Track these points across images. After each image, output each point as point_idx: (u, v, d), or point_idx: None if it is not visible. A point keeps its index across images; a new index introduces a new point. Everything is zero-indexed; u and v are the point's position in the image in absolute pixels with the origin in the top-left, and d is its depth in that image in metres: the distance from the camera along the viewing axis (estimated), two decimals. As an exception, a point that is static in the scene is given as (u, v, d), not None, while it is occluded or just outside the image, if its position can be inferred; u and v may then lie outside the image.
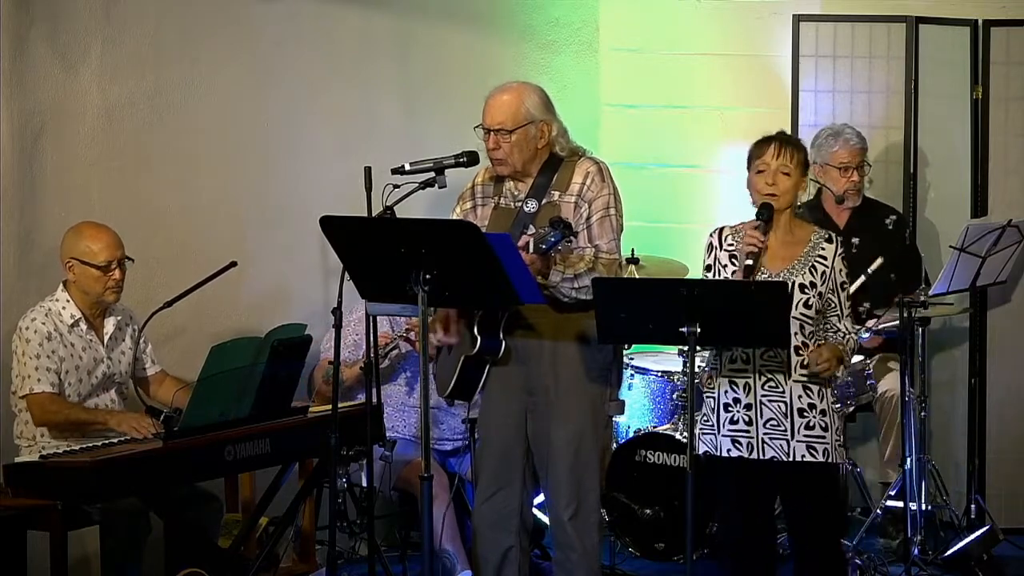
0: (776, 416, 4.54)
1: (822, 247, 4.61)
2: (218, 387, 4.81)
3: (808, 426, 4.54)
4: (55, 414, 4.93)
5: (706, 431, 4.65)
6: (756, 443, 4.56)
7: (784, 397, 4.55)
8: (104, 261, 5.02)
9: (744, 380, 4.58)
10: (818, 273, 4.57)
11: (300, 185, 6.14)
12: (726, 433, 4.60)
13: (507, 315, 4.80)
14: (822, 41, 6.68)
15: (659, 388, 6.42)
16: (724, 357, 4.62)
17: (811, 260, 4.59)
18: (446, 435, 5.95)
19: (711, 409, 4.64)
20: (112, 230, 5.08)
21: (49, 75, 5.36)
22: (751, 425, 4.56)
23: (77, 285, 5.05)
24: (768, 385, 4.56)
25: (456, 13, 6.73)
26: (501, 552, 4.94)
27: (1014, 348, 6.58)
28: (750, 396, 4.57)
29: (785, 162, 4.57)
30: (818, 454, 4.54)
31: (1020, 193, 6.57)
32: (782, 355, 4.54)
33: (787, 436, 4.54)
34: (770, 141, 4.61)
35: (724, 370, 4.62)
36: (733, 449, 4.59)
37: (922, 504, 5.90)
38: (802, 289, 4.55)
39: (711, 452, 4.64)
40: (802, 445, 4.53)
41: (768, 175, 4.57)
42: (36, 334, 4.95)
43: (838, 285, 4.59)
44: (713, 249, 4.69)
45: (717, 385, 4.64)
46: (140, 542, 4.88)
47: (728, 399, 4.60)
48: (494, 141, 4.79)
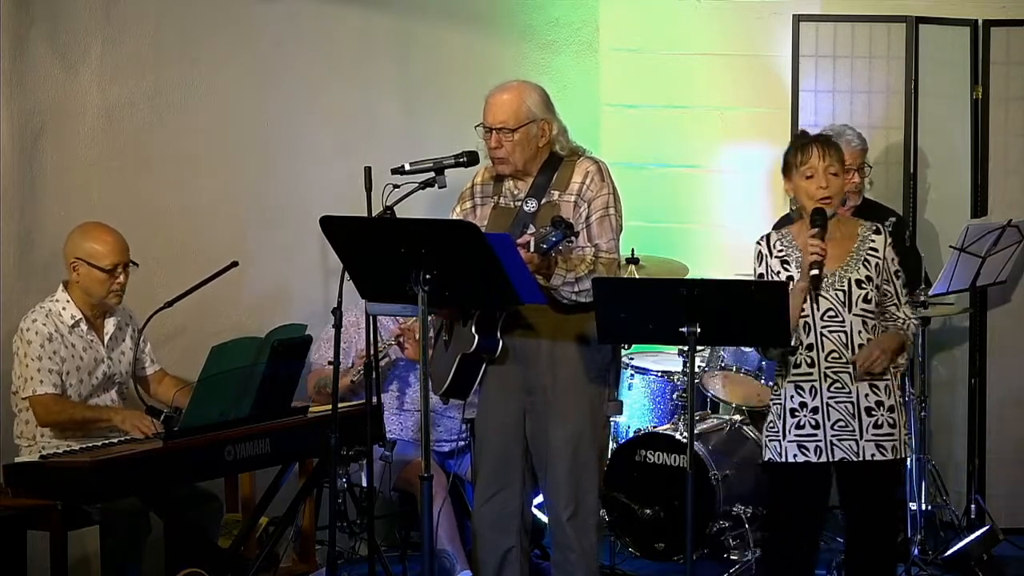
0: (844, 417, 4.53)
1: (872, 240, 4.59)
2: (218, 387, 4.81)
3: (876, 424, 4.53)
4: (58, 414, 4.93)
5: (772, 437, 4.63)
6: (824, 446, 4.54)
7: (851, 397, 4.53)
8: (110, 264, 5.01)
9: (810, 384, 4.56)
10: (872, 266, 4.56)
11: (300, 185, 6.14)
12: (792, 439, 4.57)
13: (505, 314, 4.80)
14: (822, 41, 6.68)
15: (659, 388, 6.43)
16: (790, 363, 4.59)
17: (863, 254, 4.58)
18: (444, 436, 5.95)
19: (777, 415, 4.62)
20: (119, 233, 5.08)
21: (49, 75, 5.36)
22: (818, 428, 4.55)
23: (80, 286, 5.05)
24: (834, 387, 4.54)
25: (456, 13, 6.73)
26: (501, 553, 4.94)
27: (1014, 348, 6.58)
28: (816, 399, 4.56)
29: (831, 162, 4.55)
30: (887, 451, 4.53)
31: (1020, 193, 6.57)
32: (847, 356, 4.53)
33: (855, 436, 4.53)
34: (809, 144, 4.58)
35: (790, 375, 4.60)
36: (799, 454, 4.56)
37: (922, 504, 5.91)
38: (859, 285, 4.54)
39: (775, 459, 4.62)
40: (871, 444, 4.52)
41: (819, 179, 4.53)
42: (37, 335, 4.95)
43: (892, 274, 4.58)
44: (764, 257, 4.67)
45: (783, 391, 4.62)
46: (140, 542, 4.88)
47: (795, 404, 4.58)
48: (496, 140, 4.78)
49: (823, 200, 4.55)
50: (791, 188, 4.64)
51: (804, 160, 4.56)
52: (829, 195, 4.54)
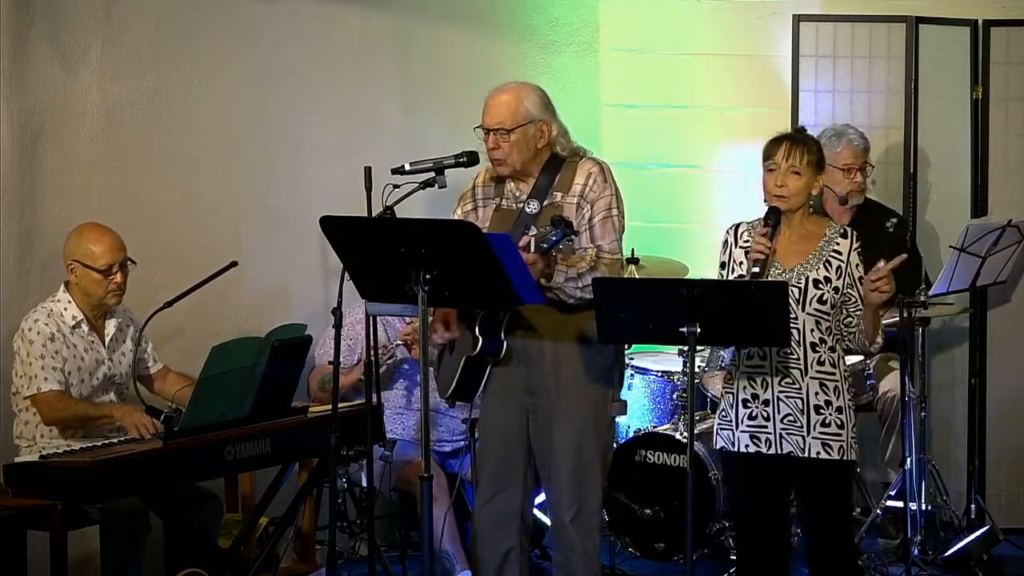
0: (793, 412, 4.54)
1: (837, 242, 4.59)
2: (218, 387, 4.81)
3: (824, 423, 4.53)
4: (63, 411, 4.94)
5: (724, 427, 4.65)
6: (774, 438, 4.55)
7: (801, 393, 4.54)
8: (105, 265, 5.01)
9: (762, 376, 4.58)
10: (833, 268, 4.56)
11: (300, 185, 6.14)
12: (744, 428, 4.59)
13: (508, 315, 4.80)
14: (822, 41, 6.68)
15: (659, 388, 6.43)
16: (742, 355, 4.61)
17: (825, 255, 4.57)
18: (445, 436, 5.95)
19: (730, 405, 4.64)
20: (114, 232, 5.08)
21: (49, 75, 5.36)
22: (768, 421, 4.56)
23: (79, 287, 5.05)
24: (785, 381, 4.55)
25: (456, 13, 6.73)
26: (502, 553, 4.94)
27: (1014, 348, 6.58)
28: (768, 392, 4.57)
29: (795, 163, 4.55)
30: (833, 451, 4.53)
31: (1020, 193, 6.57)
32: (799, 352, 4.53)
33: (803, 432, 4.54)
34: (781, 141, 4.60)
35: (742, 367, 4.61)
36: (751, 444, 4.58)
37: (922, 504, 5.90)
38: (816, 284, 4.54)
39: (727, 448, 4.64)
40: (817, 442, 4.53)
41: (778, 175, 4.57)
42: (39, 335, 4.95)
43: (855, 279, 4.57)
44: (728, 246, 4.69)
45: (736, 381, 4.63)
46: (140, 542, 4.88)
47: (747, 395, 4.60)
48: (493, 141, 4.78)
49: (778, 198, 4.56)
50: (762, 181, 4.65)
51: (771, 154, 4.60)
52: (784, 194, 4.55)
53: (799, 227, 4.62)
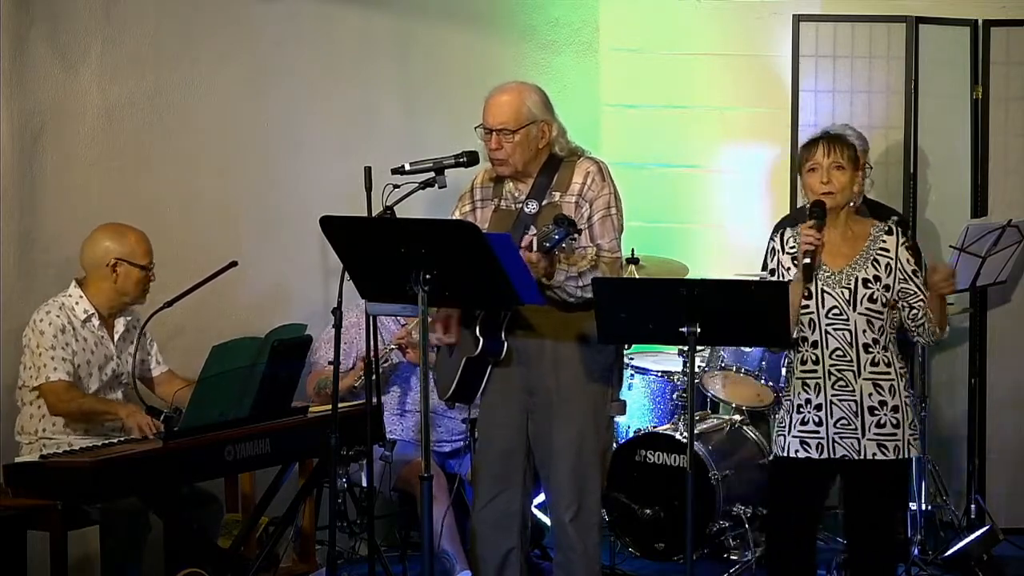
0: (846, 415, 4.53)
1: (883, 240, 4.58)
2: (218, 387, 4.81)
3: (879, 424, 4.52)
4: (69, 402, 4.94)
5: (779, 432, 4.65)
6: (827, 442, 4.54)
7: (854, 396, 4.53)
8: (148, 262, 5.13)
9: (815, 380, 4.57)
10: (881, 266, 4.55)
11: (300, 185, 6.14)
12: (795, 434, 4.58)
13: (508, 316, 4.80)
14: (822, 41, 6.68)
15: (659, 388, 6.43)
16: (796, 360, 4.60)
17: (872, 253, 4.56)
18: (444, 437, 5.95)
19: (787, 411, 4.64)
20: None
21: (49, 75, 5.36)
22: (821, 425, 4.55)
23: (116, 286, 5.08)
24: (838, 384, 4.54)
25: (456, 13, 6.73)
26: (502, 554, 4.94)
27: (1014, 348, 6.58)
28: (820, 396, 4.56)
29: (836, 158, 4.54)
30: (888, 451, 4.52)
31: (1020, 193, 6.57)
32: (852, 354, 4.53)
33: (857, 434, 4.53)
34: (818, 141, 4.59)
35: (797, 372, 4.60)
36: (801, 450, 4.57)
37: (922, 504, 5.91)
38: (865, 284, 4.53)
39: (779, 454, 4.64)
40: (873, 443, 4.52)
41: (821, 173, 4.54)
42: (51, 326, 4.97)
43: (909, 273, 4.56)
44: (776, 253, 4.68)
45: (791, 387, 4.62)
46: (140, 542, 4.88)
47: (800, 400, 4.59)
48: (496, 141, 4.78)
49: (824, 194, 4.55)
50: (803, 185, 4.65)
51: (809, 156, 4.58)
52: (831, 190, 4.54)
53: (844, 228, 4.61)
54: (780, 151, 6.92)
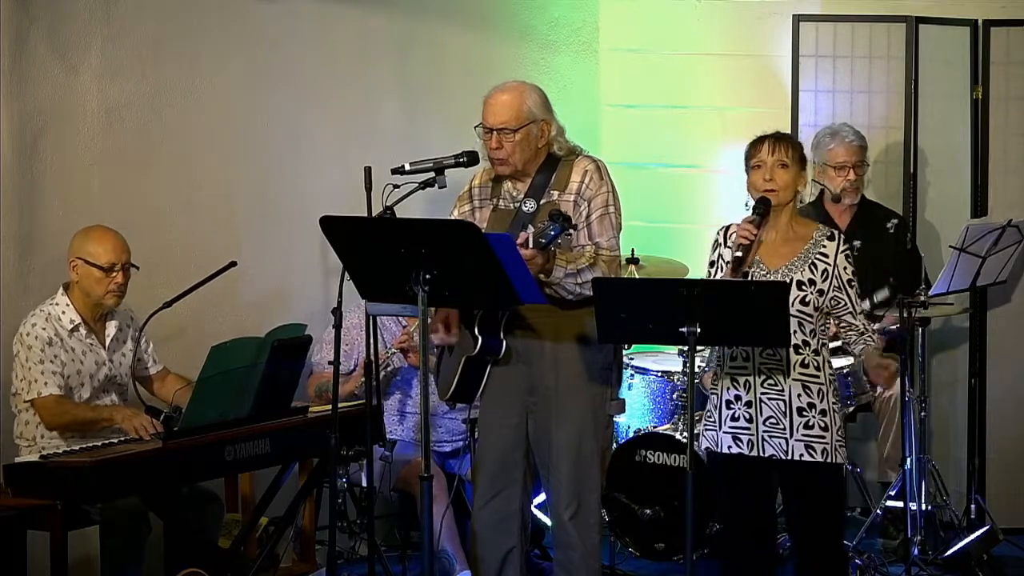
0: (775, 414, 4.54)
1: (823, 244, 4.59)
2: (218, 387, 4.81)
3: (807, 425, 4.53)
4: (62, 415, 4.94)
5: (709, 427, 4.66)
6: (756, 440, 4.56)
7: (783, 396, 4.54)
8: (107, 263, 5.02)
9: (745, 378, 4.58)
10: (818, 270, 4.56)
11: (300, 185, 6.14)
12: (727, 430, 4.60)
13: (507, 315, 4.80)
14: (822, 41, 6.68)
15: (659, 388, 6.42)
16: (726, 355, 4.61)
17: (811, 257, 4.57)
18: (444, 437, 5.95)
19: (714, 406, 4.65)
20: (120, 235, 5.09)
21: (49, 75, 5.36)
22: (751, 422, 4.56)
23: (80, 286, 5.05)
24: (768, 383, 4.56)
25: (456, 13, 6.73)
26: (502, 554, 4.94)
27: (1014, 348, 6.58)
28: (750, 394, 4.57)
29: (781, 156, 4.56)
30: (816, 453, 4.53)
31: (1020, 193, 6.57)
32: (781, 353, 4.53)
33: (786, 435, 4.54)
34: (763, 139, 4.61)
35: (726, 368, 4.61)
36: (734, 446, 4.59)
37: (922, 504, 5.90)
38: (800, 286, 4.54)
39: (712, 449, 4.64)
40: (800, 444, 4.53)
41: (765, 170, 4.57)
42: (37, 339, 4.96)
43: (844, 282, 4.56)
44: (718, 246, 4.70)
45: (720, 382, 4.63)
46: (140, 542, 4.88)
47: (730, 396, 4.60)
48: (497, 141, 4.78)
49: (767, 191, 4.56)
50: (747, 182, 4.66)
51: (754, 153, 4.60)
52: (773, 187, 4.55)
53: (786, 228, 4.62)
54: (780, 151, 6.90)
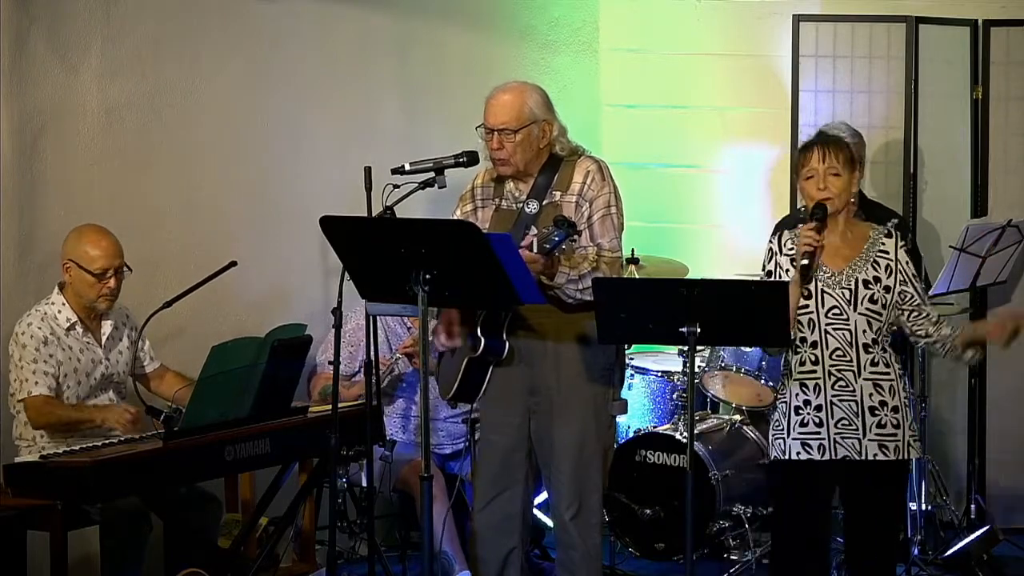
0: (847, 415, 4.53)
1: (882, 242, 4.58)
2: (218, 387, 4.81)
3: (880, 424, 4.52)
4: (48, 415, 4.94)
5: (777, 435, 4.63)
6: (828, 443, 4.53)
7: (855, 396, 4.53)
8: (99, 269, 5.01)
9: (814, 381, 4.56)
10: (882, 267, 4.55)
11: (300, 185, 6.14)
12: (796, 436, 4.57)
13: (509, 316, 4.80)
14: (822, 41, 6.68)
15: (659, 388, 6.43)
16: (794, 360, 4.60)
17: (872, 255, 4.56)
18: (445, 440, 5.94)
19: (783, 413, 4.62)
20: (114, 237, 5.07)
21: (49, 75, 5.36)
22: (822, 426, 4.55)
23: (72, 287, 5.05)
24: (838, 384, 4.54)
25: (456, 13, 6.73)
26: (503, 554, 4.94)
27: (1014, 348, 6.51)
28: (820, 397, 4.55)
29: (832, 163, 4.53)
30: (890, 452, 4.52)
31: (1020, 193, 6.57)
32: (851, 354, 4.53)
33: (859, 435, 4.52)
34: (812, 146, 4.58)
35: (795, 373, 4.60)
36: (803, 452, 4.56)
37: (922, 504, 5.90)
38: (866, 285, 4.52)
39: (779, 456, 4.61)
40: (874, 444, 4.51)
41: (818, 180, 4.53)
42: (32, 339, 4.96)
43: (909, 276, 4.56)
44: (774, 255, 4.66)
45: (788, 388, 4.62)
46: (140, 542, 4.88)
47: (799, 401, 4.58)
48: (498, 141, 4.78)
49: (824, 200, 4.54)
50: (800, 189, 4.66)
51: (805, 161, 4.58)
52: (828, 195, 4.54)
53: (844, 230, 4.60)
54: (780, 151, 6.92)
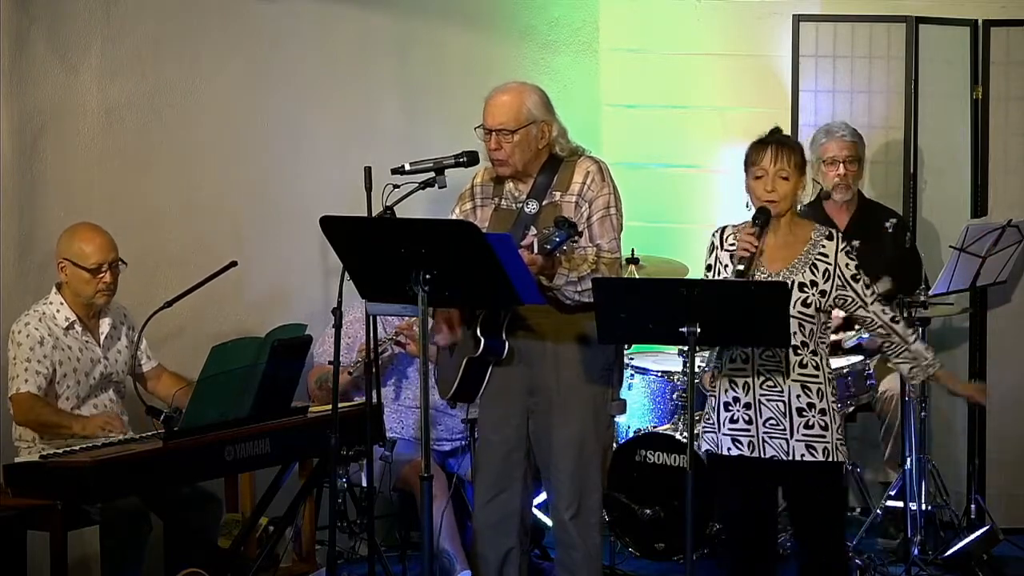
0: (775, 415, 4.54)
1: (822, 244, 4.58)
2: (218, 387, 4.81)
3: (807, 425, 4.53)
4: (29, 412, 4.93)
5: (708, 430, 4.65)
6: (757, 442, 4.55)
7: (783, 396, 4.54)
8: (94, 264, 5.01)
9: (743, 379, 4.58)
10: (819, 271, 4.55)
11: (300, 185, 6.14)
12: (726, 432, 4.59)
13: (509, 316, 4.80)
14: (822, 41, 6.68)
15: (659, 388, 6.42)
16: (724, 357, 4.61)
17: (811, 258, 4.57)
18: (444, 436, 5.95)
19: (712, 408, 4.64)
20: (106, 232, 5.07)
21: (49, 75, 5.36)
22: (751, 424, 4.56)
23: (69, 286, 5.05)
24: (767, 384, 4.55)
25: (456, 13, 6.73)
26: (503, 553, 4.94)
27: (1014, 348, 6.58)
28: (749, 395, 4.57)
29: (783, 166, 4.53)
30: (818, 453, 4.52)
31: (1020, 193, 6.57)
32: (780, 355, 4.53)
33: (786, 435, 4.53)
34: (766, 145, 4.56)
35: (724, 369, 4.61)
36: (734, 448, 4.58)
37: (922, 504, 5.90)
38: (801, 288, 4.53)
39: (712, 451, 4.64)
40: (801, 444, 4.52)
41: (767, 181, 4.54)
42: (28, 338, 4.96)
43: (848, 279, 4.55)
44: (715, 249, 4.69)
45: (718, 384, 4.63)
46: (140, 542, 4.88)
47: (728, 398, 4.60)
48: (496, 142, 4.78)
49: (768, 202, 4.54)
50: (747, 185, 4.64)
51: (756, 160, 4.56)
52: (775, 198, 4.53)
53: (785, 231, 4.60)
54: (780, 151, 6.90)
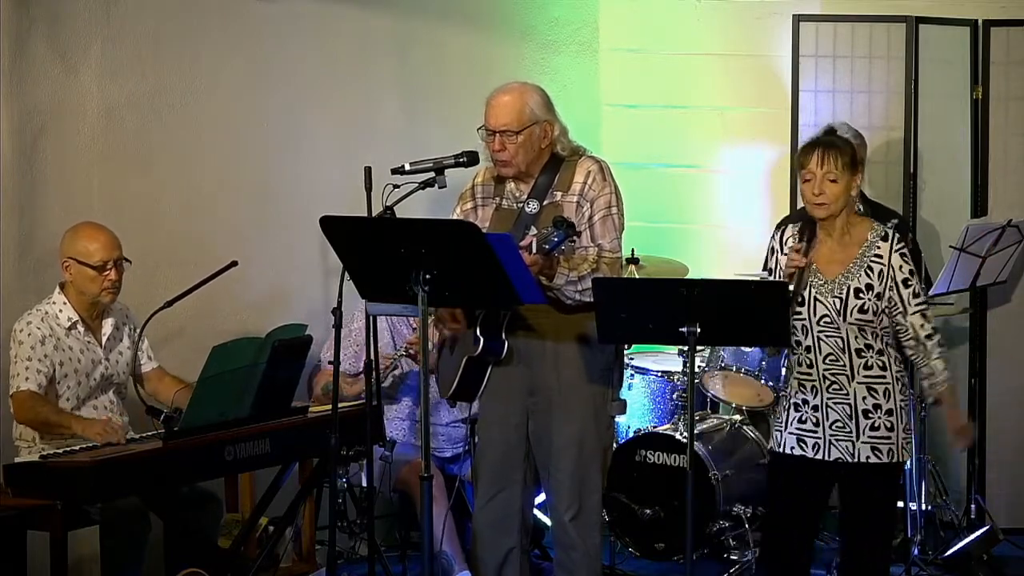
0: (841, 418, 4.54)
1: (878, 245, 4.56)
2: (218, 387, 4.81)
3: (873, 427, 4.53)
4: (29, 411, 4.91)
5: (776, 427, 4.68)
6: (823, 444, 4.56)
7: (848, 399, 4.54)
8: (99, 261, 5.01)
9: (811, 383, 4.58)
10: (875, 273, 4.53)
11: (300, 185, 6.14)
12: (792, 431, 4.60)
13: (508, 315, 4.80)
14: (822, 41, 6.68)
15: (659, 388, 6.43)
16: (793, 361, 4.62)
17: (867, 260, 4.54)
18: (445, 444, 5.94)
19: (783, 408, 4.66)
20: (110, 231, 5.07)
21: (49, 75, 5.36)
22: (818, 426, 4.57)
23: (74, 285, 5.05)
24: (832, 388, 4.55)
25: (456, 13, 6.73)
26: (502, 553, 4.94)
27: (1014, 348, 6.58)
28: (817, 398, 4.57)
29: (830, 168, 4.49)
30: (883, 455, 4.53)
31: (1020, 193, 6.57)
32: (844, 359, 4.53)
33: (852, 437, 4.54)
34: (813, 147, 4.54)
35: (794, 373, 4.62)
36: (797, 448, 4.59)
37: (922, 504, 5.91)
38: (857, 294, 4.51)
39: (775, 448, 4.66)
40: (867, 447, 4.53)
41: (814, 184, 4.51)
42: (30, 337, 4.95)
43: (898, 282, 4.53)
44: (775, 252, 4.68)
45: (790, 385, 4.65)
46: (140, 542, 4.88)
47: (798, 399, 4.61)
48: (499, 143, 4.77)
49: (817, 205, 4.53)
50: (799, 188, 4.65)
51: (805, 163, 4.56)
52: (824, 201, 4.52)
53: (841, 232, 4.58)
54: (780, 151, 6.92)
